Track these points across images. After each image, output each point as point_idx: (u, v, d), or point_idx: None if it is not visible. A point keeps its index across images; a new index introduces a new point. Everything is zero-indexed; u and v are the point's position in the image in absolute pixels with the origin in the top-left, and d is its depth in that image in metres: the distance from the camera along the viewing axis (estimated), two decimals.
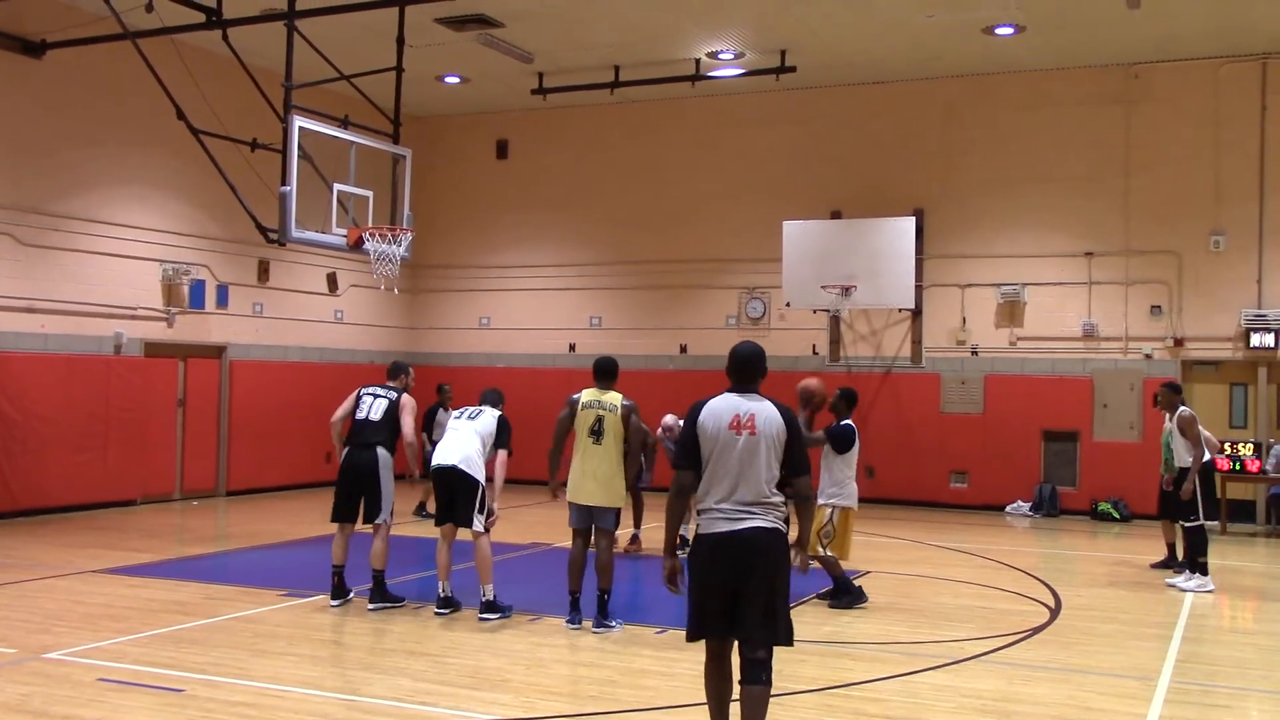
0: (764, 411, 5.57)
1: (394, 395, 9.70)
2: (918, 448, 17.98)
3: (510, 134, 21.20)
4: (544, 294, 20.83)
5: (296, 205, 12.30)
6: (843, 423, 10.13)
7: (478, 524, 9.07)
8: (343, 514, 9.63)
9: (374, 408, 9.61)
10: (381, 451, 9.49)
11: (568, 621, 8.90)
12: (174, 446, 16.93)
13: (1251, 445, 15.88)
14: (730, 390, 5.69)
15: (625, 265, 20.26)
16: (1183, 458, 11.41)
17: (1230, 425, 16.75)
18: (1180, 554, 11.81)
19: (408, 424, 9.60)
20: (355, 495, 9.56)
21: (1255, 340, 16.46)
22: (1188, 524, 11.23)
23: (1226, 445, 15.65)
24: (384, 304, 20.92)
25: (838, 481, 9.99)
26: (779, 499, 5.53)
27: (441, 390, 15.85)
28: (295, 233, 12.36)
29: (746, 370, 5.72)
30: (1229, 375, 16.99)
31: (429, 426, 15.45)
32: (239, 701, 6.70)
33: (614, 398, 8.96)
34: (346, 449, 9.62)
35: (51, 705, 6.56)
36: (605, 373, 9.09)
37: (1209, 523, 11.32)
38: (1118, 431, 17.21)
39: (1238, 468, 15.65)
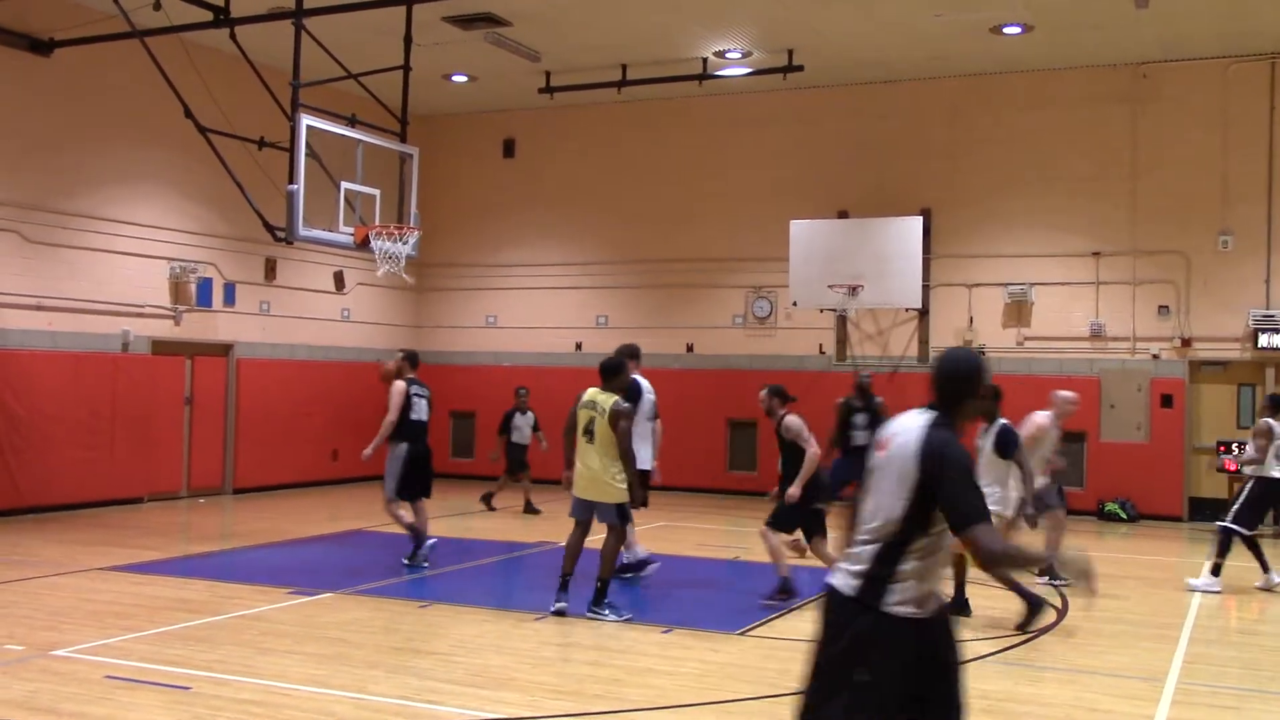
0: (906, 432, 4.07)
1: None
2: None
3: (517, 133, 21.20)
4: (551, 293, 20.83)
5: (304, 204, 12.30)
6: (999, 423, 9.33)
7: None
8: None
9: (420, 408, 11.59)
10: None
11: (555, 602, 9.16)
12: (181, 444, 16.95)
13: None
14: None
15: (632, 264, 20.25)
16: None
17: (1238, 426, 16.69)
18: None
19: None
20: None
21: (1263, 340, 16.41)
22: (1220, 521, 11.32)
23: (1234, 447, 15.62)
24: (391, 302, 20.94)
25: (988, 486, 8.91)
26: (876, 551, 3.99)
27: (519, 393, 16.12)
28: (302, 231, 12.37)
29: (944, 387, 4.18)
30: (1237, 376, 16.94)
31: (506, 429, 16.17)
32: (246, 699, 6.71)
33: (607, 400, 9.19)
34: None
35: (59, 702, 6.57)
36: (606, 372, 9.39)
37: (1241, 529, 11.23)
38: (1125, 432, 17.17)
39: None
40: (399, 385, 11.41)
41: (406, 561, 11.33)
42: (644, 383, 10.75)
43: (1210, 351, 16.96)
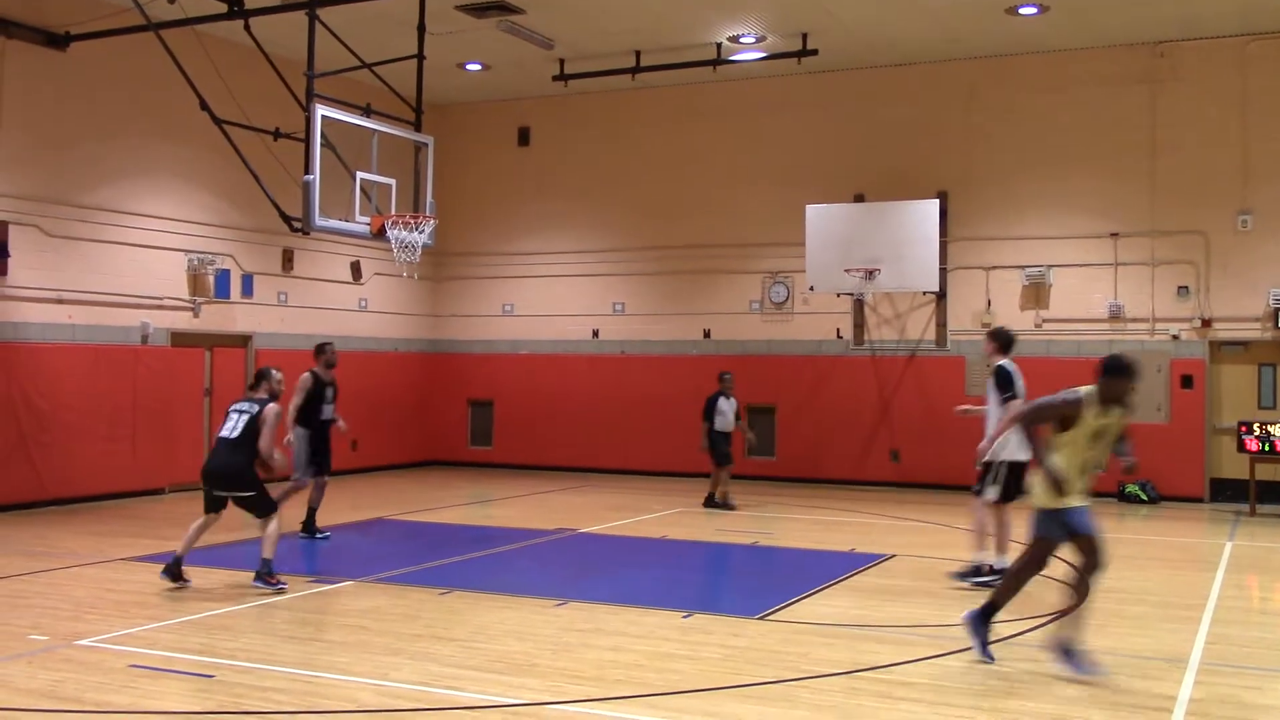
0: None
1: (255, 409, 9.66)
2: (943, 431, 17.87)
3: (532, 121, 21.19)
4: (567, 280, 20.84)
5: (320, 194, 12.32)
6: None
7: (991, 494, 9.96)
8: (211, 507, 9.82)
9: (236, 425, 9.60)
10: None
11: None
12: (201, 435, 17.00)
13: None
14: None
15: (648, 251, 20.23)
16: None
17: (1259, 406, 16.62)
18: None
19: (265, 439, 9.51)
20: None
21: None
22: None
23: (1256, 426, 15.55)
24: (407, 292, 20.98)
25: None
26: None
27: (723, 378, 15.70)
28: (319, 221, 12.40)
29: None
30: (1258, 355, 16.84)
31: (710, 414, 15.48)
32: (269, 687, 6.75)
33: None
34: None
35: (83, 692, 6.62)
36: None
37: None
38: (1145, 413, 17.08)
39: (1267, 449, 15.53)
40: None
41: None
42: (1009, 366, 10.56)
43: (1230, 332, 16.85)
